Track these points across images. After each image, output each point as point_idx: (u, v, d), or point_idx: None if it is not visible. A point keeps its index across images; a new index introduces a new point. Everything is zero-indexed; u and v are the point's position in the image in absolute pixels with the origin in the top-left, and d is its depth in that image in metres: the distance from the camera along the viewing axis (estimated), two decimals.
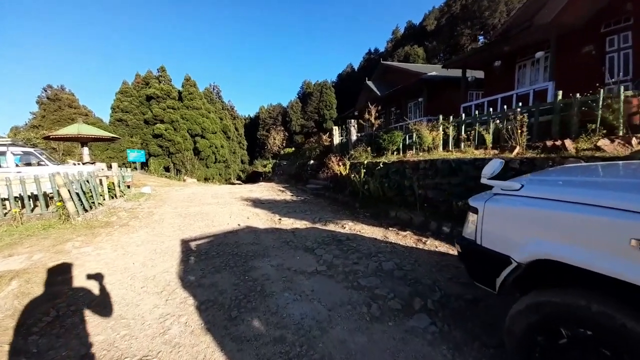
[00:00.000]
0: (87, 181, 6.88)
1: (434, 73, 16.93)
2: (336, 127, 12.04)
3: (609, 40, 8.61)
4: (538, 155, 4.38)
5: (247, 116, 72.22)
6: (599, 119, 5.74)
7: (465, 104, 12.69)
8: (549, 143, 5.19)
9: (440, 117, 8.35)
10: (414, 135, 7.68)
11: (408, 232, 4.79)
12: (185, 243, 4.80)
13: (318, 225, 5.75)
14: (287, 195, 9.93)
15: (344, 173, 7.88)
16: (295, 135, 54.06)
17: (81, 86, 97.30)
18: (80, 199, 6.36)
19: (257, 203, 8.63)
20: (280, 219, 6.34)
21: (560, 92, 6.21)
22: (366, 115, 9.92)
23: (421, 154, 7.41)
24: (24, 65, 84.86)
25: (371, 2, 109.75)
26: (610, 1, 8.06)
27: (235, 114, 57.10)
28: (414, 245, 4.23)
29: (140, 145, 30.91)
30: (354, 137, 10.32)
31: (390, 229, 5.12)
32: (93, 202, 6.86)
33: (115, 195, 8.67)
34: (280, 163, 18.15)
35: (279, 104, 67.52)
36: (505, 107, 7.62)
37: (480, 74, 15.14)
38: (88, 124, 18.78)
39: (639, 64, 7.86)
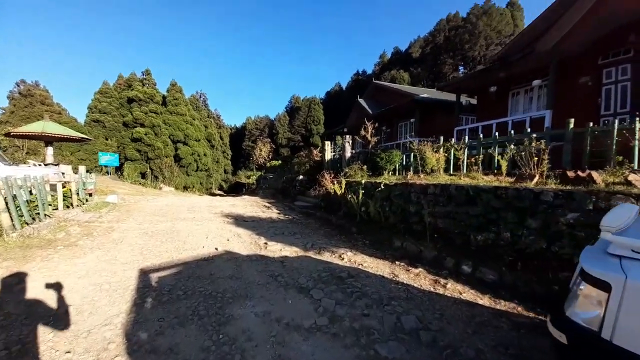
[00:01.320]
0: (34, 187, 5.71)
1: (425, 95, 16.96)
2: (328, 142, 11.42)
3: (606, 72, 8.66)
4: (569, 187, 3.85)
5: (233, 126, 71.06)
6: (613, 151, 5.45)
7: (459, 127, 12.53)
8: (570, 174, 4.71)
9: (442, 138, 7.92)
10: (416, 155, 7.12)
11: (420, 269, 4.05)
12: (144, 275, 3.79)
13: (311, 254, 4.90)
14: (274, 213, 9.01)
15: (338, 192, 7.14)
16: (281, 148, 53.42)
17: (59, 84, 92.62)
18: (20, 210, 5.18)
19: (240, 221, 7.65)
20: (266, 243, 5.43)
21: (572, 120, 5.90)
22: (362, 132, 9.36)
23: (422, 175, 6.84)
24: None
25: (361, 25, 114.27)
26: (611, 31, 8.11)
27: (221, 122, 55.85)
28: (431, 289, 3.48)
29: (116, 148, 29.00)
30: (348, 154, 9.70)
31: (397, 263, 4.36)
32: (38, 214, 5.67)
33: (72, 205, 7.43)
34: (266, 176, 17.21)
35: (266, 116, 67.10)
36: (497, 133, 7.34)
37: (472, 99, 15.25)
38: (60, 123, 17.19)
39: (636, 97, 7.86)
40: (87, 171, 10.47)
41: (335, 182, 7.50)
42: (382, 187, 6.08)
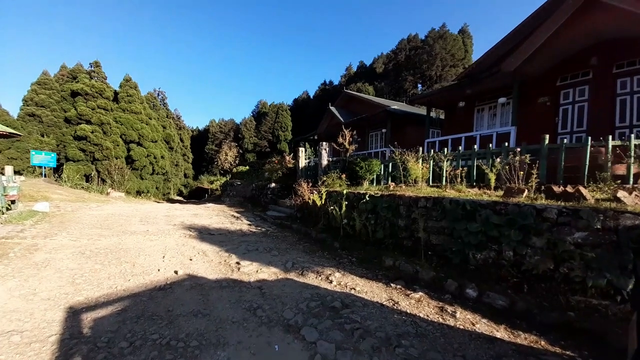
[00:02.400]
0: None
1: (396, 107, 17.33)
2: (302, 149, 10.84)
3: (563, 93, 9.36)
4: (572, 204, 3.72)
5: (195, 128, 67.31)
6: (586, 167, 5.67)
7: (429, 140, 12.79)
8: (556, 189, 4.68)
9: (421, 149, 7.80)
10: (398, 165, 6.85)
11: (420, 293, 3.60)
12: (74, 316, 2.82)
13: (293, 276, 4.22)
14: (244, 224, 8.10)
15: (318, 203, 6.55)
16: (247, 154, 51.62)
17: None
18: None
19: (205, 234, 6.67)
20: (238, 263, 4.62)
21: (547, 136, 6.07)
22: (339, 140, 8.95)
23: (404, 186, 6.57)
24: None
25: (330, 37, 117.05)
26: (571, 55, 8.76)
27: (182, 124, 52.36)
28: (440, 320, 3.02)
29: (54, 146, 25.33)
30: (324, 162, 9.20)
31: (393, 286, 3.87)
32: None
33: None
34: (232, 182, 16.00)
35: (231, 120, 64.66)
36: (461, 147, 7.46)
37: (434, 114, 15.85)
38: None
39: (594, 117, 8.55)
40: (17, 172, 8.61)
41: (314, 192, 6.91)
42: (367, 198, 5.63)
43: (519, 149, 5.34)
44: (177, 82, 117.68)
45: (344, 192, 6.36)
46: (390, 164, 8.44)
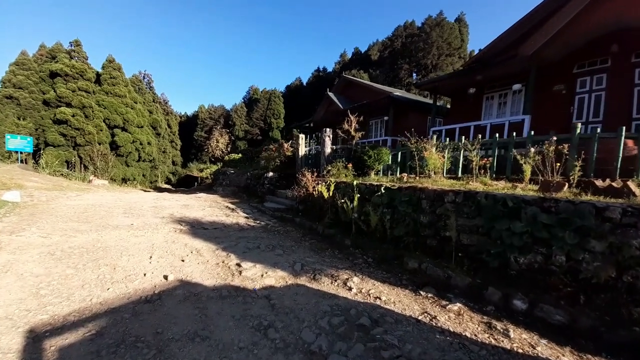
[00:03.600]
0: None
1: (398, 93, 16.64)
2: (302, 136, 10.12)
3: (580, 81, 8.88)
4: (627, 201, 3.22)
5: (183, 114, 65.00)
6: (619, 159, 5.20)
7: (436, 128, 12.25)
8: (599, 183, 4.21)
9: (434, 137, 7.23)
10: (414, 154, 6.26)
11: (458, 304, 3.07)
12: (34, 344, 2.16)
13: (304, 281, 3.63)
14: (240, 217, 7.43)
15: (325, 195, 5.93)
16: (238, 141, 50.19)
17: None
18: None
19: (198, 228, 5.98)
20: (239, 265, 4.00)
21: (579, 125, 5.55)
22: (345, 126, 8.28)
23: (418, 178, 6.01)
24: None
25: (324, 22, 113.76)
26: (590, 41, 8.22)
27: (169, 109, 50.29)
28: (493, 342, 2.50)
29: (32, 130, 23.67)
30: (327, 150, 8.54)
31: (422, 294, 3.34)
32: None
33: None
34: (225, 171, 15.16)
35: (221, 106, 62.72)
36: (469, 136, 6.98)
37: (438, 102, 15.25)
38: None
39: (611, 107, 8.12)
40: None
41: (320, 183, 6.27)
42: (383, 191, 5.04)
43: (554, 138, 4.80)
44: (164, 66, 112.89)
45: (354, 183, 5.75)
46: (400, 153, 7.86)
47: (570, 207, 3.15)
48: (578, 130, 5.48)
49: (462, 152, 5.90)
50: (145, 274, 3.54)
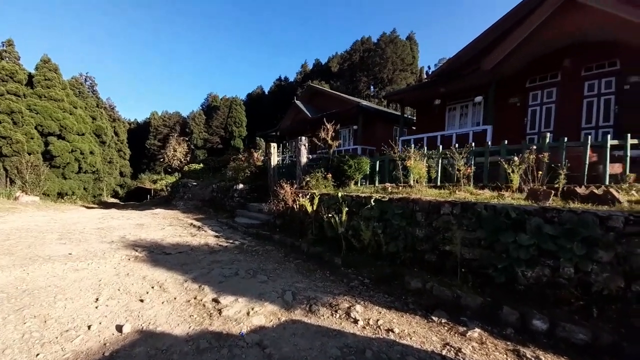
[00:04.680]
0: None
1: (366, 103, 16.90)
2: (274, 145, 9.52)
3: (532, 94, 9.70)
4: (632, 209, 3.27)
5: (133, 120, 59.86)
6: (586, 166, 5.57)
7: (404, 138, 12.54)
8: (580, 191, 4.34)
9: (425, 148, 7.21)
10: (397, 163, 6.09)
11: (477, 329, 2.77)
12: None
13: (300, 315, 3.07)
14: (209, 236, 6.54)
15: (309, 209, 5.42)
16: (197, 150, 47.36)
17: None
18: None
19: (158, 254, 5.04)
20: (216, 301, 3.30)
21: (549, 134, 5.88)
22: (322, 134, 7.91)
23: (401, 188, 5.84)
24: None
25: (284, 33, 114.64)
26: (540, 56, 8.95)
27: (116, 115, 45.76)
28: None
29: None
30: (304, 159, 8.08)
31: (434, 319, 2.99)
32: None
33: None
34: (186, 182, 13.77)
35: (177, 113, 59.07)
36: (440, 145, 7.24)
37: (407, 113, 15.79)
38: None
39: (561, 118, 8.92)
40: None
41: (303, 197, 5.74)
42: (373, 203, 4.71)
43: (534, 147, 4.94)
44: (110, 69, 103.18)
45: (339, 195, 5.35)
46: (378, 162, 7.71)
47: (574, 217, 3.09)
48: (547, 140, 5.79)
49: (446, 160, 5.87)
50: (90, 326, 2.69)
